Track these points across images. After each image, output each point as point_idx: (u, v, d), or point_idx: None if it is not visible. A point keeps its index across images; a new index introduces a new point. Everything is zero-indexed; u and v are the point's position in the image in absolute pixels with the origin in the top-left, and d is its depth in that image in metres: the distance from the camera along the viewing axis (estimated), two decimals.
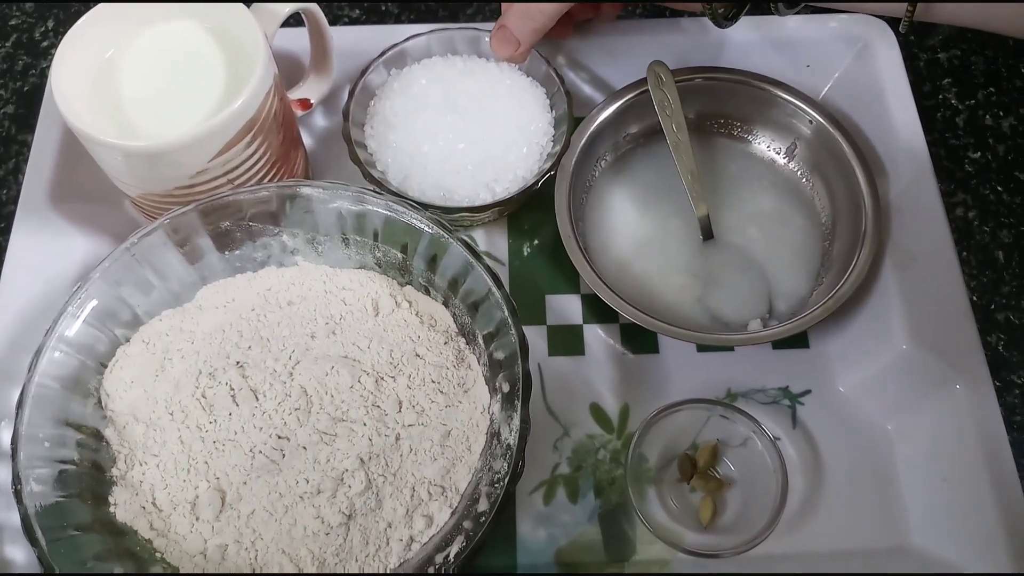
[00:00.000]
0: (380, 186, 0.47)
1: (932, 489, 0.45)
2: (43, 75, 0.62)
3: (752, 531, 0.43)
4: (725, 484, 0.46)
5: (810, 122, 0.52)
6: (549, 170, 0.49)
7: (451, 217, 0.49)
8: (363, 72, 0.51)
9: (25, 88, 0.61)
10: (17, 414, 0.38)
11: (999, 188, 0.58)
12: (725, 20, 0.51)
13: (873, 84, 0.55)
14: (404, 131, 0.50)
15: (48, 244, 0.49)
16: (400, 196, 0.46)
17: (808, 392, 0.49)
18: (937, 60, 0.63)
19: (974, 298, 0.50)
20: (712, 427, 0.47)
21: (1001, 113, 0.61)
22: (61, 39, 0.43)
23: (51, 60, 0.61)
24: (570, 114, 0.50)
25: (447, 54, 0.54)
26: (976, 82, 0.62)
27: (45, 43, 0.63)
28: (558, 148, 0.50)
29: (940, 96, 0.61)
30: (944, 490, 0.45)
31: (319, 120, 0.57)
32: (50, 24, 0.64)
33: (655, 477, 0.46)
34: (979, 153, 0.59)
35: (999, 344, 0.53)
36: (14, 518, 0.37)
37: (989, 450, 0.44)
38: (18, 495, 0.37)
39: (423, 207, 0.44)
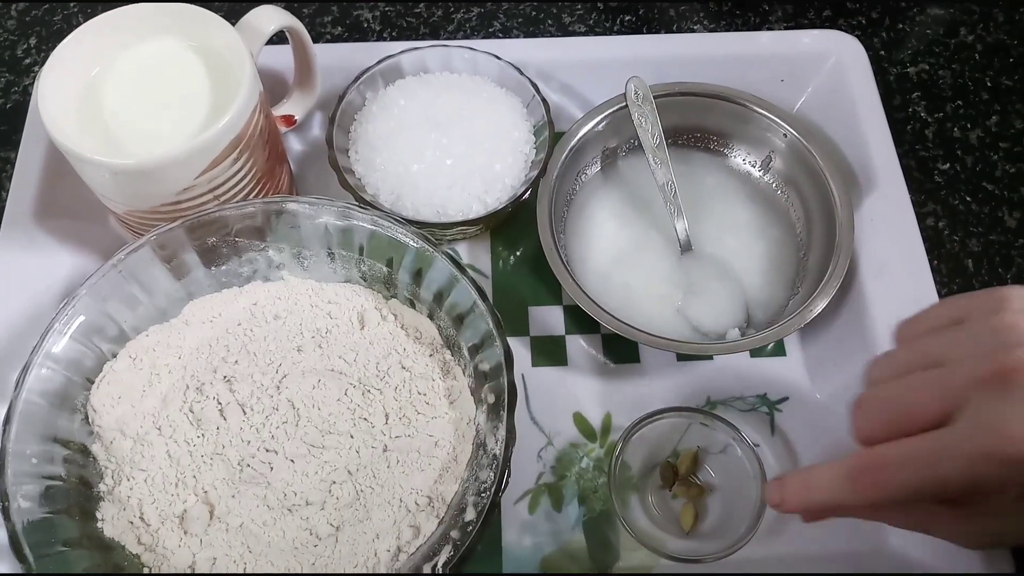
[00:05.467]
0: (374, 209, 0.48)
1: None
2: (26, 92, 0.62)
3: (733, 536, 0.43)
4: (706, 491, 0.47)
5: (784, 136, 0.54)
6: (536, 177, 0.50)
7: (447, 232, 0.50)
8: (340, 98, 0.52)
9: (8, 105, 0.61)
10: (4, 430, 0.38)
11: (968, 198, 0.59)
12: None
13: (845, 98, 0.57)
14: (389, 152, 0.51)
15: (33, 261, 0.50)
16: (386, 212, 0.47)
17: (786, 399, 0.50)
18: (906, 74, 0.65)
19: None
20: (693, 435, 0.48)
21: (969, 125, 0.62)
22: (44, 56, 0.44)
23: (34, 77, 0.62)
24: (549, 120, 0.51)
25: (419, 73, 0.55)
26: (944, 95, 0.64)
27: (27, 60, 0.63)
28: (541, 155, 0.51)
29: (910, 109, 0.63)
30: None
31: (303, 136, 0.57)
32: (32, 41, 0.64)
33: (638, 484, 0.47)
34: (948, 164, 0.61)
35: None
36: (1, 535, 0.37)
37: None
38: (5, 512, 0.37)
39: (419, 226, 0.44)
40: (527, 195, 0.50)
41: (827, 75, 0.58)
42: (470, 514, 0.38)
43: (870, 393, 0.32)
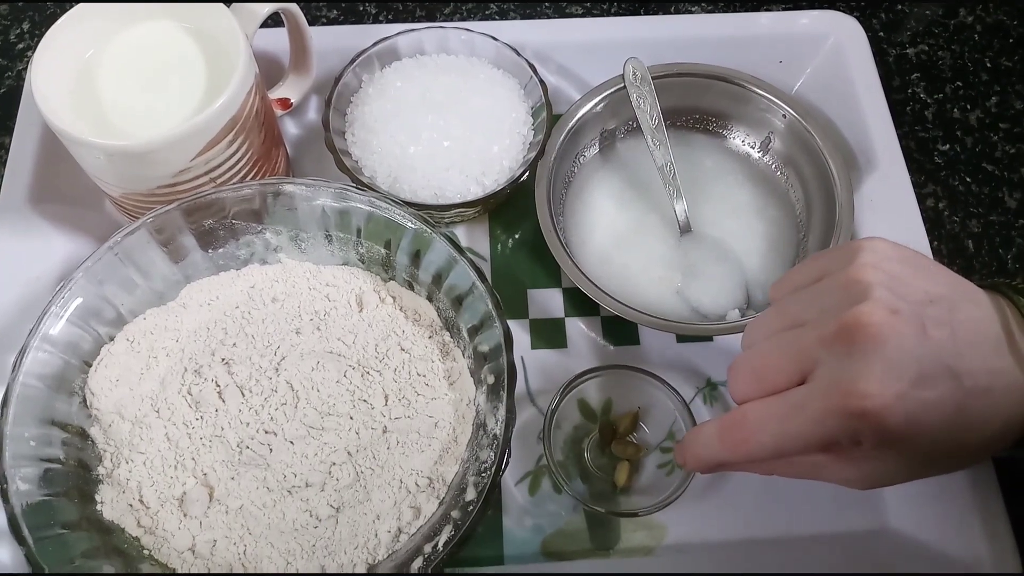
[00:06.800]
0: (372, 190, 0.47)
1: None
2: (19, 77, 0.61)
3: (666, 491, 0.43)
4: (642, 450, 0.46)
5: (784, 116, 0.53)
6: (534, 159, 0.50)
7: (445, 215, 0.50)
8: (336, 80, 0.52)
9: (1, 90, 0.61)
10: (2, 413, 0.38)
11: (968, 179, 0.59)
12: None
13: (844, 79, 0.56)
14: (387, 135, 0.50)
15: (29, 246, 0.49)
16: (383, 193, 0.46)
17: None
18: (906, 55, 0.65)
19: None
20: (638, 394, 0.47)
21: (968, 107, 0.62)
22: (37, 41, 0.44)
23: (27, 62, 0.61)
24: (547, 102, 0.51)
25: (416, 55, 0.54)
26: (944, 76, 0.64)
27: (21, 45, 0.63)
28: (539, 137, 0.51)
29: (909, 90, 0.63)
30: None
31: (300, 119, 0.57)
32: (25, 27, 0.64)
33: (577, 441, 0.47)
34: (948, 145, 0.61)
35: None
36: (0, 517, 0.37)
37: None
38: (4, 494, 0.36)
39: (417, 208, 0.44)
40: (525, 177, 0.50)
41: (826, 56, 0.58)
42: (470, 494, 0.38)
43: (740, 357, 0.34)
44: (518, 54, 0.53)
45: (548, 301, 0.52)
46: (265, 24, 0.48)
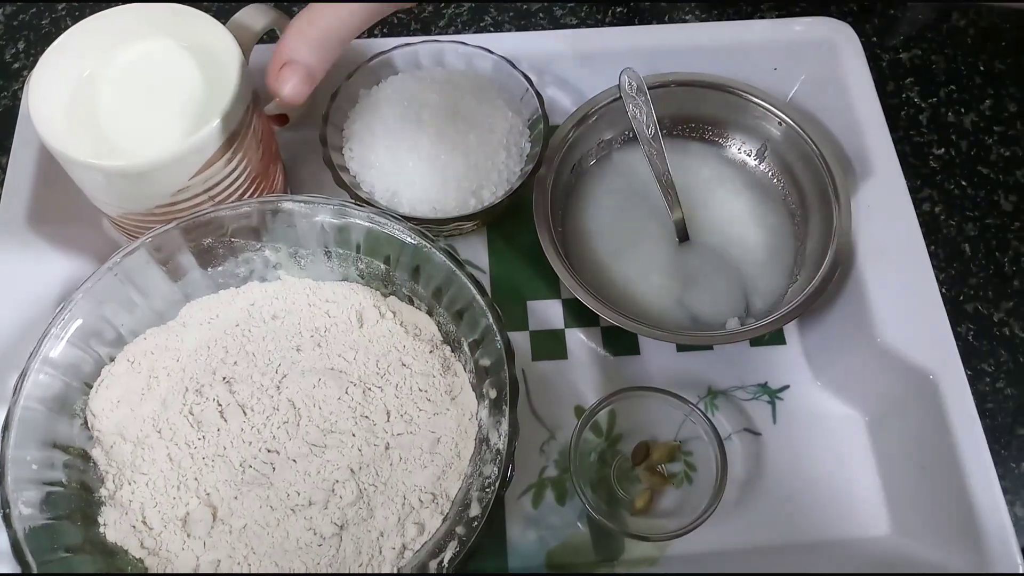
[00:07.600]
0: (370, 206, 0.47)
1: (909, 478, 0.46)
2: (15, 97, 0.61)
3: (687, 520, 0.43)
4: (668, 483, 0.46)
5: (779, 124, 0.54)
6: (532, 171, 0.50)
7: (443, 228, 0.50)
8: (333, 96, 0.52)
9: None
10: (3, 437, 0.38)
11: (963, 183, 0.59)
12: None
13: (838, 85, 0.57)
14: (384, 150, 0.50)
15: (27, 267, 0.49)
16: (382, 209, 0.46)
17: (786, 387, 0.50)
18: (899, 60, 0.65)
19: (943, 290, 0.52)
20: (678, 425, 0.47)
21: (962, 110, 0.62)
22: (32, 60, 0.44)
23: (23, 82, 0.61)
24: (543, 114, 0.51)
25: (412, 68, 0.54)
26: (937, 80, 0.64)
27: (16, 65, 0.63)
28: (536, 149, 0.51)
29: (903, 95, 0.63)
30: (921, 479, 0.46)
31: (297, 134, 0.57)
32: (20, 46, 0.64)
33: (605, 453, 0.47)
34: (943, 149, 0.61)
35: (969, 334, 0.54)
36: (3, 542, 0.37)
37: (963, 438, 0.45)
38: (6, 518, 0.36)
39: (415, 222, 0.44)
40: (523, 189, 0.50)
41: (820, 62, 0.58)
42: (474, 510, 0.38)
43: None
44: (514, 66, 0.53)
45: (548, 313, 0.52)
46: (262, 40, 0.48)
